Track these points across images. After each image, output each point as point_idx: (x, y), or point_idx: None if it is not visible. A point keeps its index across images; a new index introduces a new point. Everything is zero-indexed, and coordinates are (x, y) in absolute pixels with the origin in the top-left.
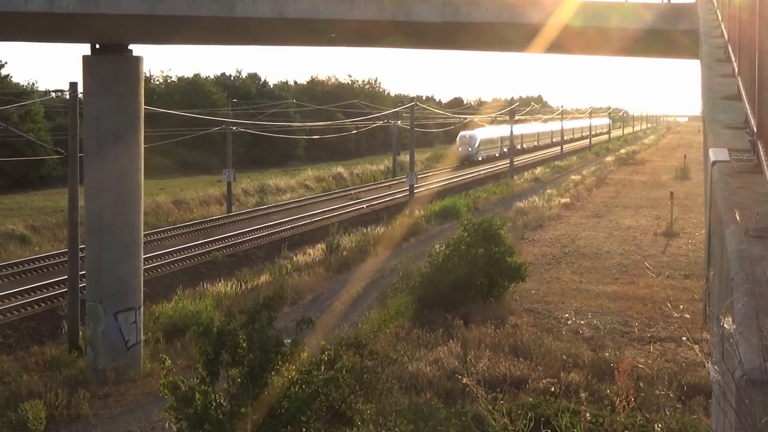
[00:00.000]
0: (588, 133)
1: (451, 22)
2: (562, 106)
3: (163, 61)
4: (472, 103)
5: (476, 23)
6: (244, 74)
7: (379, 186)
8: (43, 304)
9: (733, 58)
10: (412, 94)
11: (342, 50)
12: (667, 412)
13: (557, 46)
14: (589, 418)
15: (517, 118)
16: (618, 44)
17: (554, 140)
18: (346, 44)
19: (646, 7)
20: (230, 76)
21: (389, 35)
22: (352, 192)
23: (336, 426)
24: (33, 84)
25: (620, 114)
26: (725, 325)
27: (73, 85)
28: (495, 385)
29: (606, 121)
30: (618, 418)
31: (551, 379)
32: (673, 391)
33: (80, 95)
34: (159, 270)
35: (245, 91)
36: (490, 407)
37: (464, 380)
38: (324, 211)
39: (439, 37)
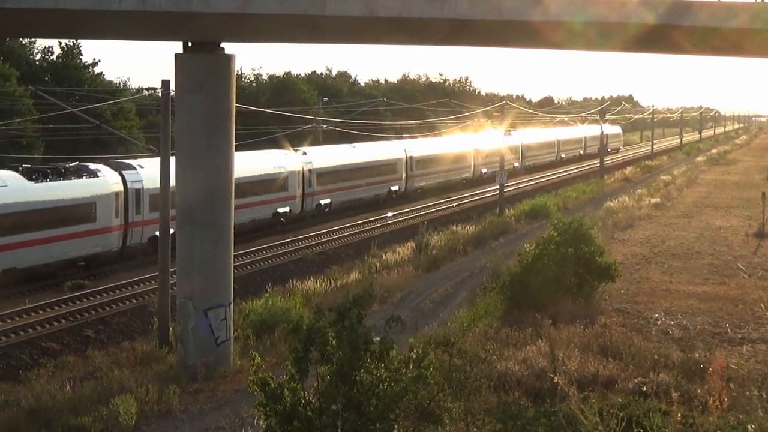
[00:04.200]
0: (561, 154)
1: (540, 21)
2: (653, 106)
3: (254, 59)
4: (563, 103)
5: (564, 21)
6: (334, 72)
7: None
8: (134, 300)
9: None
10: (503, 93)
11: (433, 49)
12: (761, 413)
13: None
14: (679, 418)
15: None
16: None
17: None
18: (437, 43)
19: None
20: (321, 74)
21: (480, 33)
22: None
23: (424, 424)
24: (125, 82)
25: (711, 114)
26: None
27: (166, 83)
28: (584, 384)
29: (610, 129)
30: (710, 419)
31: (642, 378)
32: (765, 393)
33: (172, 93)
34: (249, 267)
35: (336, 89)
36: (581, 406)
37: (555, 379)
38: (413, 210)
39: (527, 35)
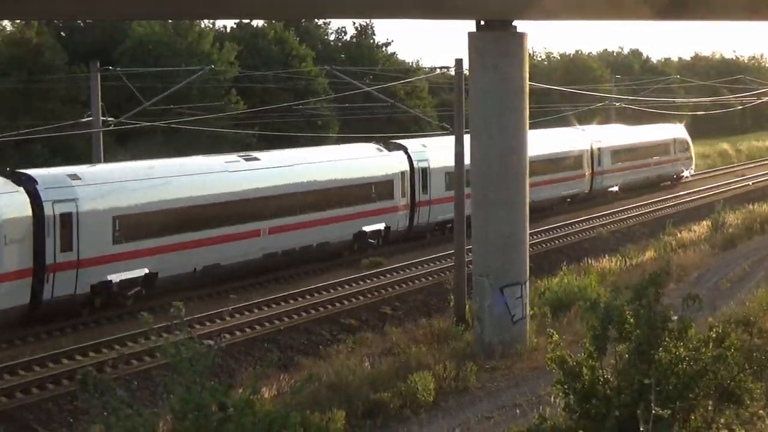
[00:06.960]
0: None
1: None
2: None
3: (545, 38)
4: None
5: None
6: (626, 50)
7: (765, 163)
8: (430, 278)
9: None
10: None
11: (724, 25)
12: None
13: None
14: None
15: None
16: None
17: None
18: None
19: None
20: (612, 51)
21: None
22: (738, 169)
23: (725, 404)
24: (418, 61)
25: None
26: None
27: (459, 62)
28: None
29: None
30: None
31: None
32: None
33: (465, 71)
34: (543, 245)
35: (627, 67)
36: None
37: None
38: (709, 188)
39: None
